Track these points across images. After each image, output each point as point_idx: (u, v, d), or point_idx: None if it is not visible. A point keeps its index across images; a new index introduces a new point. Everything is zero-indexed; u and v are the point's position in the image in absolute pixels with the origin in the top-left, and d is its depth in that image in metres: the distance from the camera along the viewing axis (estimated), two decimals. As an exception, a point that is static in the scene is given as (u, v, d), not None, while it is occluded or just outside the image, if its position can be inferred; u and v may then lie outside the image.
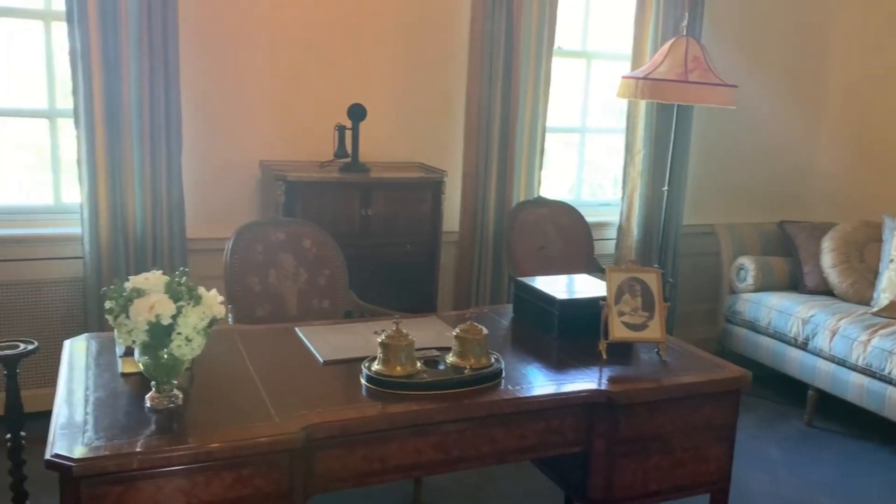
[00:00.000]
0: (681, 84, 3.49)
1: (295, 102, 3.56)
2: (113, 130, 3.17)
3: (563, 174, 4.45)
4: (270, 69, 3.51)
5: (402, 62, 3.73)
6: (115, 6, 3.08)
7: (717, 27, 4.25)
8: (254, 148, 3.54)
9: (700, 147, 4.35)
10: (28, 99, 3.38)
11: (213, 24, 3.38)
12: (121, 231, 3.25)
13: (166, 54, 3.19)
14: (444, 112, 3.86)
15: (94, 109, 3.13)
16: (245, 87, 3.48)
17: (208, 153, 3.46)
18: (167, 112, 3.23)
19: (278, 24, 3.49)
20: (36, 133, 3.45)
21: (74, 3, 3.04)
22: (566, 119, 4.30)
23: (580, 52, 4.23)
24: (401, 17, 3.69)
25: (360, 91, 3.59)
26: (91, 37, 3.07)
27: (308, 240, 2.99)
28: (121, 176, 3.22)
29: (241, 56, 3.46)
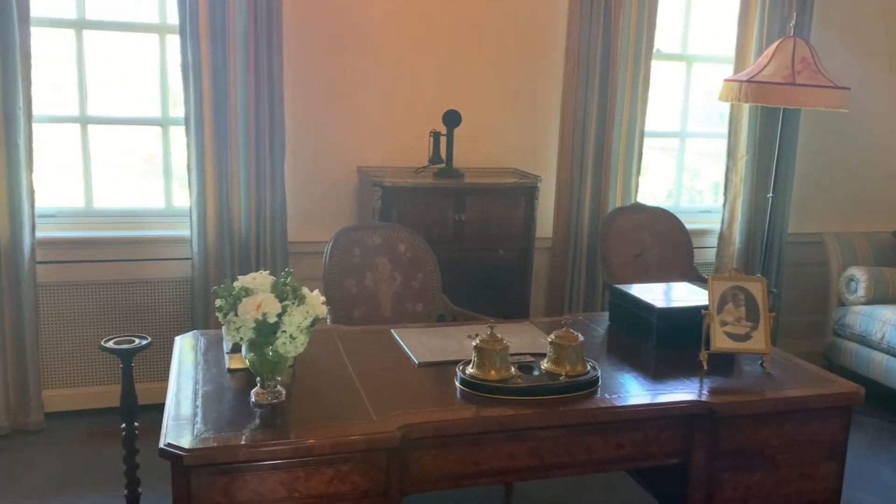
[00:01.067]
0: (788, 87, 3.35)
1: (391, 110, 3.63)
2: (221, 138, 3.31)
3: (661, 180, 4.35)
4: (368, 79, 3.59)
5: (498, 68, 3.74)
6: (223, 21, 3.22)
7: (827, 26, 4.06)
8: (352, 154, 3.62)
9: (807, 151, 4.16)
10: (143, 108, 3.58)
11: (314, 37, 3.49)
12: (227, 233, 3.39)
13: (271, 66, 3.31)
14: (538, 117, 3.85)
15: (203, 118, 3.28)
16: (344, 96, 3.57)
17: (309, 159, 3.57)
18: (271, 120, 3.35)
19: (375, 37, 3.57)
20: (149, 140, 3.65)
21: (187, 18, 3.20)
22: (665, 123, 4.20)
23: (680, 55, 4.13)
24: (496, 23, 3.70)
25: (454, 97, 3.62)
26: (202, 50, 3.22)
27: (403, 244, 3.03)
28: (227, 181, 3.36)
29: (341, 67, 3.55)
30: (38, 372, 3.28)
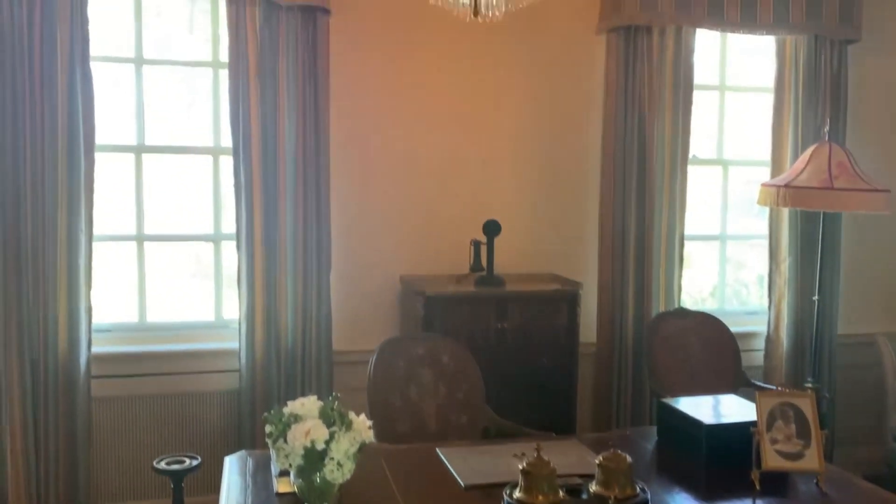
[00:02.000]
0: (826, 191, 3.37)
1: (433, 221, 3.74)
2: (270, 252, 3.43)
3: (705, 272, 4.33)
4: (410, 192, 3.72)
5: (535, 176, 3.85)
6: (275, 143, 3.40)
7: (861, 130, 4.09)
8: (395, 264, 3.71)
9: (852, 252, 4.13)
10: (196, 225, 3.74)
11: (359, 154, 3.65)
12: (273, 344, 3.46)
13: (318, 183, 3.45)
14: (578, 223, 3.91)
15: (254, 234, 3.41)
16: (387, 208, 3.70)
17: (354, 270, 3.66)
18: (318, 234, 3.47)
19: (416, 152, 3.71)
20: (202, 254, 3.80)
21: (240, 141, 3.38)
22: (705, 224, 4.22)
23: (716, 160, 4.19)
24: (532, 134, 3.83)
25: (494, 205, 3.72)
26: (254, 170, 3.39)
27: (446, 355, 3.06)
28: (276, 293, 3.45)
29: (383, 181, 3.69)
30: (89, 486, 3.32)
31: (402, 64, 3.67)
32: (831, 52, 3.92)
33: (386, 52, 3.64)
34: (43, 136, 3.17)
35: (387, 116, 3.67)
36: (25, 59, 3.12)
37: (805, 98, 3.91)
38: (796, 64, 3.92)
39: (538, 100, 3.82)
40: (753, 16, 3.81)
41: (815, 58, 3.91)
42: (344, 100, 3.56)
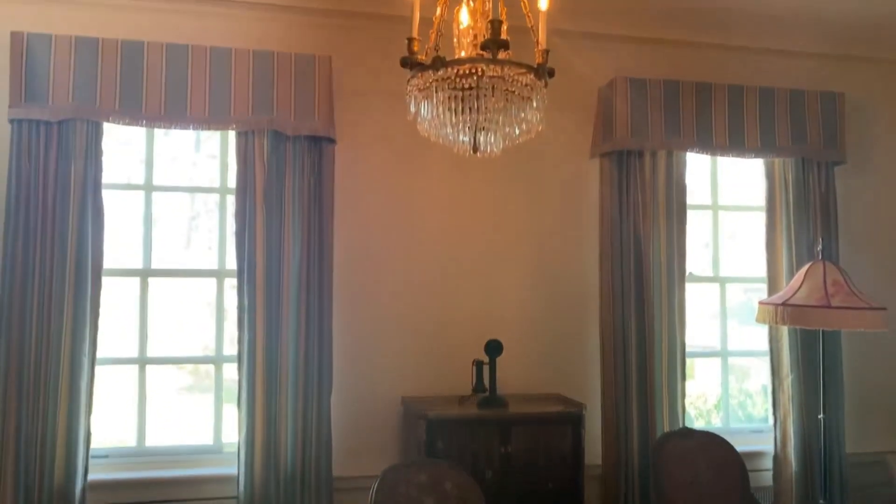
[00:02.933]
0: (824, 310, 3.41)
1: (434, 341, 3.75)
2: (271, 374, 3.43)
3: (709, 387, 4.30)
4: (411, 312, 3.75)
5: (536, 295, 3.90)
6: (279, 266, 3.45)
7: (853, 248, 4.18)
8: (396, 385, 3.70)
9: (854, 368, 4.11)
10: (198, 347, 3.76)
11: (361, 277, 3.71)
12: (272, 469, 3.40)
13: (321, 305, 3.49)
14: (579, 341, 3.93)
15: (255, 356, 3.42)
16: (388, 329, 3.72)
17: (355, 391, 3.65)
18: (320, 356, 3.48)
19: (416, 272, 3.78)
20: (203, 378, 3.79)
21: (245, 264, 3.44)
22: (706, 335, 4.23)
23: (713, 278, 4.26)
24: (531, 255, 3.91)
25: (495, 325, 3.75)
26: (258, 292, 3.43)
27: (449, 482, 3.01)
28: (276, 416, 3.42)
29: (385, 302, 3.74)
30: None
31: (403, 189, 3.79)
32: (818, 173, 4.06)
33: (388, 178, 3.77)
34: (52, 261, 3.24)
35: (389, 240, 3.76)
36: (40, 189, 3.24)
37: (796, 217, 4.01)
38: (785, 184, 4.05)
39: (536, 221, 3.92)
40: (741, 140, 3.98)
41: (804, 178, 4.04)
42: (347, 224, 3.66)
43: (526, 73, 2.19)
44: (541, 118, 2.26)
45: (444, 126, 2.26)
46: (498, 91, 2.16)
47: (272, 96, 3.47)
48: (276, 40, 3.60)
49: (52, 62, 3.25)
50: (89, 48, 3.29)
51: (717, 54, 4.13)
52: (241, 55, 3.45)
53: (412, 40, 2.25)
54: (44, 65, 3.25)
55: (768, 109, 4.01)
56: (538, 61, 2.26)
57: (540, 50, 2.24)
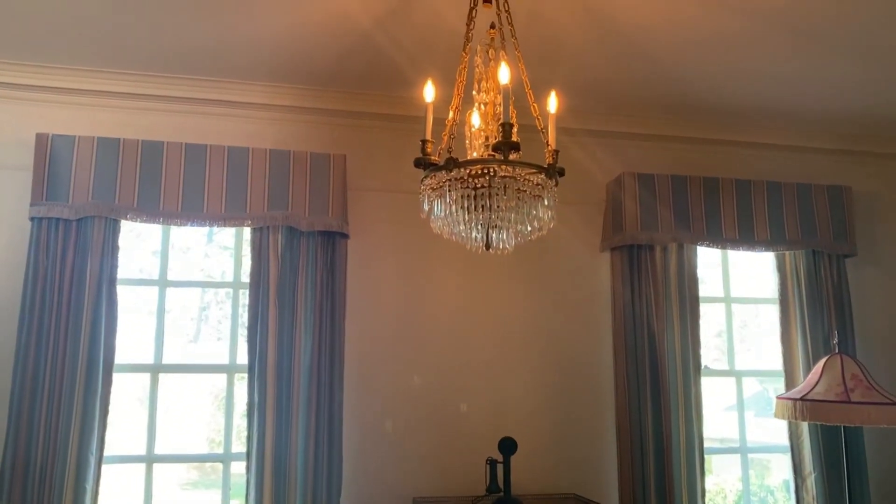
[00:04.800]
0: (844, 405, 3.33)
1: (446, 438, 3.68)
2: (279, 474, 3.35)
3: (728, 483, 4.17)
4: (423, 408, 3.70)
5: (550, 391, 3.84)
6: (290, 360, 3.43)
7: (869, 341, 4.13)
8: (407, 484, 3.61)
9: (878, 464, 3.99)
10: (203, 441, 3.70)
11: (372, 371, 3.68)
12: (279, 576, 3.28)
13: (331, 400, 3.45)
14: (595, 438, 3.84)
15: (265, 453, 3.35)
16: (399, 426, 3.66)
17: (364, 491, 3.55)
18: (329, 454, 3.41)
19: (428, 367, 3.75)
20: (207, 472, 3.72)
21: (256, 358, 3.43)
22: (724, 429, 4.13)
23: (728, 371, 4.20)
24: (544, 349, 3.88)
25: (509, 423, 3.68)
26: (268, 388, 3.40)
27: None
28: (284, 519, 3.33)
29: (395, 397, 3.69)
30: None
31: (415, 284, 3.81)
32: (830, 265, 4.06)
33: (400, 273, 3.80)
34: (64, 356, 3.23)
35: (400, 334, 3.74)
36: (56, 284, 3.27)
37: (810, 309, 3.98)
38: (797, 276, 4.05)
39: (548, 316, 3.91)
40: (751, 233, 4.00)
41: (815, 271, 4.04)
42: (359, 318, 3.66)
43: (537, 174, 2.24)
44: (552, 216, 2.29)
45: (457, 224, 2.30)
46: (510, 190, 2.20)
47: (287, 193, 3.54)
48: (293, 139, 3.71)
49: (74, 162, 3.35)
50: (110, 148, 3.39)
51: (724, 149, 4.21)
52: (258, 154, 3.54)
53: (426, 142, 2.32)
54: (66, 164, 3.34)
55: (777, 203, 4.05)
56: (548, 161, 2.31)
57: (550, 150, 2.30)
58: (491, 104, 2.38)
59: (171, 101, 3.61)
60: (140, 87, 3.55)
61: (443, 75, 2.61)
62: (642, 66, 3.46)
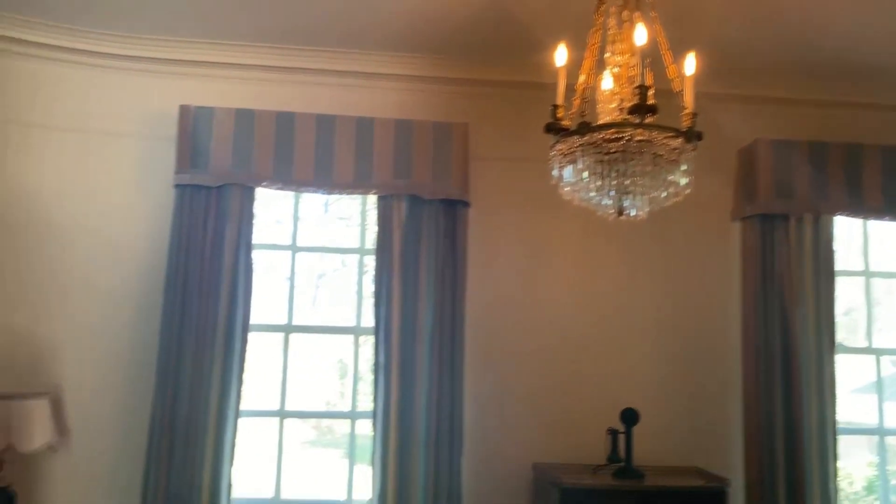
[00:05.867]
0: None
1: (568, 407, 3.68)
2: (404, 432, 3.45)
3: (860, 468, 3.97)
4: (544, 377, 3.71)
5: (674, 363, 3.77)
6: (413, 325, 3.52)
7: None
8: (526, 450, 3.64)
9: None
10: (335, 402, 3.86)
11: (494, 338, 3.71)
12: (404, 530, 3.40)
13: (453, 366, 3.51)
14: (720, 413, 3.74)
15: (390, 414, 3.46)
16: (520, 392, 3.69)
17: (484, 455, 3.61)
18: (451, 415, 3.48)
19: (549, 335, 3.75)
20: (324, 431, 3.88)
21: (381, 322, 3.54)
22: (859, 413, 3.93)
23: (866, 349, 3.97)
24: (671, 321, 3.80)
25: (631, 393, 3.63)
26: (393, 350, 3.50)
27: (585, 554, 2.90)
28: (408, 473, 3.42)
29: (516, 364, 3.71)
30: None
31: (535, 252, 3.80)
32: None
33: (520, 241, 3.80)
34: (206, 317, 3.43)
35: (521, 301, 3.76)
36: (198, 249, 3.47)
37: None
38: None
39: (673, 285, 3.82)
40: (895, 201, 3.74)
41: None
42: (479, 286, 3.69)
43: (674, 137, 2.18)
44: (689, 181, 2.23)
45: (588, 190, 2.27)
46: (646, 155, 2.15)
47: (411, 162, 3.60)
48: (416, 108, 3.75)
49: (214, 132, 3.53)
50: (247, 119, 3.55)
51: (867, 113, 3.93)
52: (384, 124, 3.61)
53: (557, 107, 2.29)
54: (206, 135, 3.52)
55: (926, 169, 3.75)
56: (685, 124, 2.25)
57: (688, 113, 2.23)
58: (625, 66, 2.32)
59: (302, 72, 3.73)
60: (273, 60, 3.69)
61: (574, 38, 2.56)
62: (782, 26, 3.27)
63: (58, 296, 3.53)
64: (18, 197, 3.54)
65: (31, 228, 3.55)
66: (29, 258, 3.52)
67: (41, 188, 3.57)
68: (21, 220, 3.54)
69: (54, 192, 3.58)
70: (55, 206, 3.58)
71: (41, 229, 3.55)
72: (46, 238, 3.55)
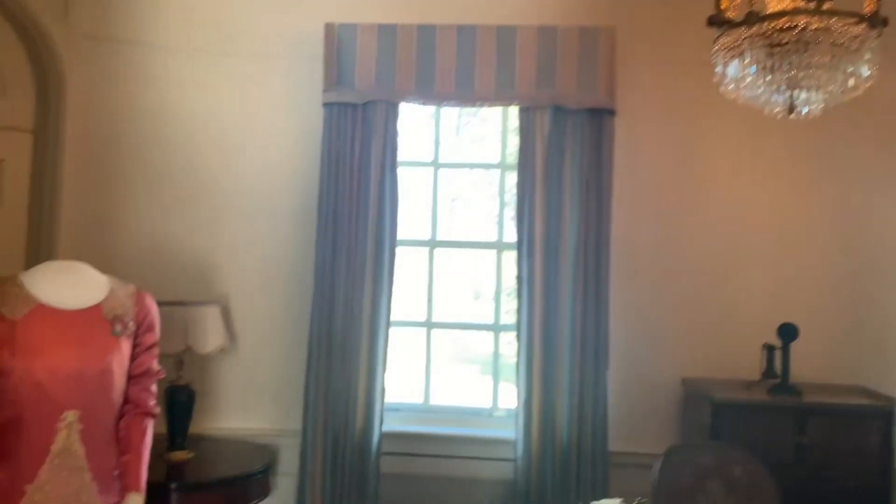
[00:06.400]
0: None
1: (720, 321, 3.57)
2: (548, 343, 3.48)
3: None
4: (695, 289, 3.60)
5: (838, 277, 3.54)
6: (557, 240, 3.49)
7: None
8: (676, 365, 3.57)
9: None
10: (478, 314, 3.94)
11: (641, 252, 3.62)
12: (549, 439, 3.46)
13: (598, 279, 3.46)
14: (886, 328, 3.50)
15: (533, 327, 3.49)
16: (670, 306, 3.60)
17: (632, 369, 3.58)
18: (597, 330, 3.46)
19: (701, 248, 3.61)
20: (482, 343, 3.97)
21: (524, 237, 3.53)
22: None
23: None
24: (835, 232, 3.55)
25: (786, 307, 3.46)
26: (536, 264, 3.50)
27: (738, 467, 2.85)
28: (553, 387, 3.47)
29: (666, 278, 3.62)
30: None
31: (687, 161, 3.64)
32: None
33: (670, 149, 3.64)
34: (357, 231, 3.56)
35: (671, 213, 3.63)
36: (347, 166, 3.57)
37: None
38: None
39: (843, 194, 3.55)
40: None
41: None
42: (626, 197, 3.58)
43: (856, 24, 1.98)
44: (872, 73, 2.03)
45: (756, 87, 2.11)
46: (823, 45, 1.97)
47: (554, 70, 3.49)
48: (560, 13, 3.61)
49: (358, 49, 3.56)
50: (389, 34, 3.55)
51: None
52: (526, 32, 3.51)
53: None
54: (350, 52, 3.56)
55: None
56: (868, 8, 2.03)
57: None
58: (799, -52, 2.11)
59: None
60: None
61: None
62: None
63: (220, 212, 3.76)
64: (174, 119, 3.74)
65: (189, 148, 3.75)
66: (188, 176, 3.74)
67: (196, 110, 3.75)
68: (180, 141, 3.75)
69: (210, 114, 3.76)
70: (211, 127, 3.76)
71: (200, 149, 3.76)
72: (204, 157, 3.76)
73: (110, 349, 2.38)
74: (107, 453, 2.38)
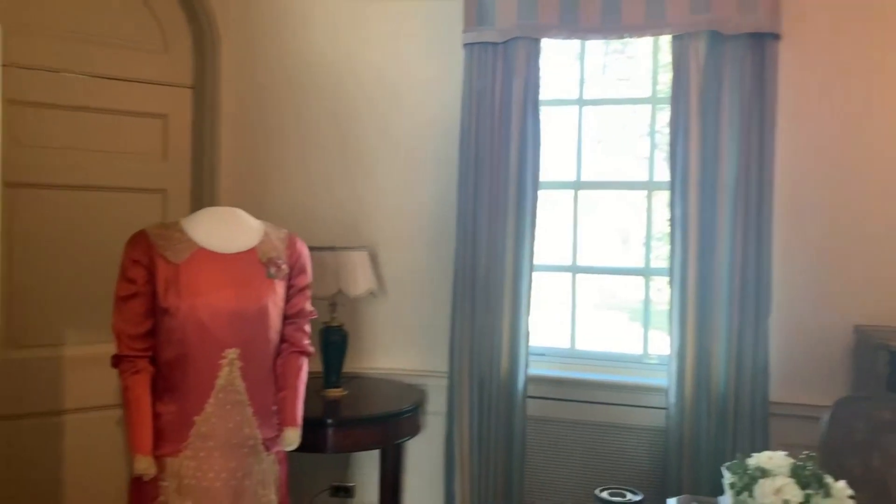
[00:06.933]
0: None
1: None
2: (704, 289, 3.29)
3: None
4: (871, 229, 3.25)
5: None
6: (714, 179, 3.26)
7: None
8: (847, 311, 3.27)
9: None
10: (627, 259, 3.79)
11: (807, 192, 3.30)
12: (704, 387, 3.30)
13: (759, 221, 3.21)
14: None
15: (687, 270, 3.31)
16: (841, 250, 3.28)
17: (796, 315, 3.32)
18: (758, 275, 3.23)
19: (879, 187, 3.24)
20: (632, 288, 3.83)
21: (678, 176, 3.32)
22: None
23: None
24: None
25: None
26: (690, 205, 3.30)
27: (921, 423, 2.58)
28: (709, 333, 3.29)
29: (840, 219, 3.27)
30: (522, 498, 3.53)
31: (862, 88, 3.24)
32: None
33: (843, 76, 3.25)
34: (498, 173, 3.50)
35: (843, 148, 3.27)
36: (488, 108, 3.50)
37: None
38: None
39: None
40: None
41: None
42: (792, 131, 3.27)
43: None
44: None
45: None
46: None
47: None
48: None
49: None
50: (530, -33, 3.41)
51: None
52: (678, -48, 3.25)
53: None
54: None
55: None
56: None
57: None
58: None
59: None
60: None
61: None
62: None
63: (366, 159, 3.83)
64: (323, 67, 3.79)
65: (338, 95, 3.81)
66: (337, 124, 3.82)
67: (343, 56, 3.80)
68: (329, 89, 3.81)
69: (356, 59, 3.79)
70: (359, 73, 3.80)
71: (348, 96, 3.82)
72: (352, 104, 3.82)
73: (266, 290, 2.49)
74: (265, 389, 2.52)
